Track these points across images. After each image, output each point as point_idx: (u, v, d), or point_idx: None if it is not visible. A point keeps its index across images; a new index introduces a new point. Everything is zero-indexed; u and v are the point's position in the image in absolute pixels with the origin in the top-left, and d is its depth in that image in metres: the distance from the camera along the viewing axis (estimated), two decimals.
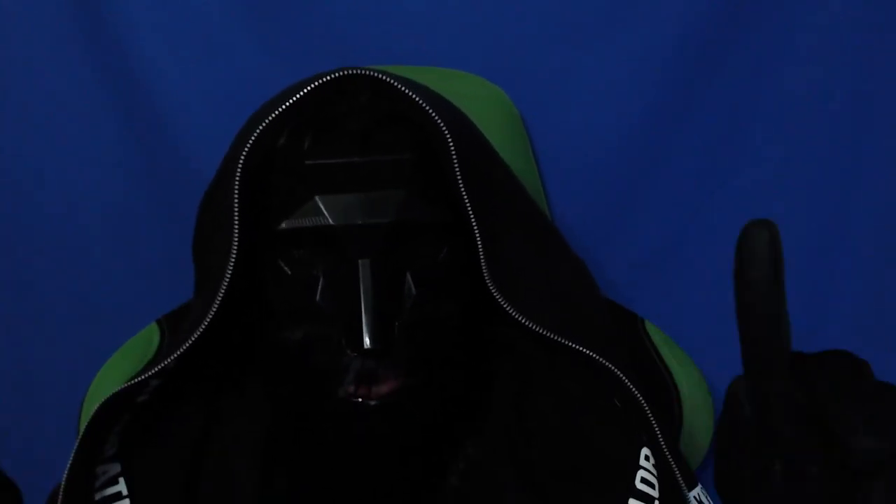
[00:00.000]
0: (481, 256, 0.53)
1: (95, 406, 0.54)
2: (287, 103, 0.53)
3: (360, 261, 0.52)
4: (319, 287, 0.54)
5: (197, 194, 0.63)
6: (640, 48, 0.84)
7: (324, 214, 0.53)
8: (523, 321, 0.53)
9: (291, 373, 0.55)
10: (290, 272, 0.55)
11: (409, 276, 0.54)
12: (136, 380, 0.54)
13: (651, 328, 0.71)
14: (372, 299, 0.51)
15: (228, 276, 0.52)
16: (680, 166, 0.86)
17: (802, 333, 0.86)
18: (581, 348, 0.54)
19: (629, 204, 0.87)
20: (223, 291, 0.52)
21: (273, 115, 0.53)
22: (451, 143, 0.52)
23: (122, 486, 0.57)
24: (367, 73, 0.54)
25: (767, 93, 0.84)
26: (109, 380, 0.69)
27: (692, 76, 0.85)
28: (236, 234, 0.52)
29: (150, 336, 0.71)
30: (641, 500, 0.57)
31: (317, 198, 0.53)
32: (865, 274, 0.83)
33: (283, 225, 0.53)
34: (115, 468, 0.58)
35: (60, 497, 0.53)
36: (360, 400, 0.53)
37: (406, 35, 0.86)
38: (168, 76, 0.87)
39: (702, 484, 0.81)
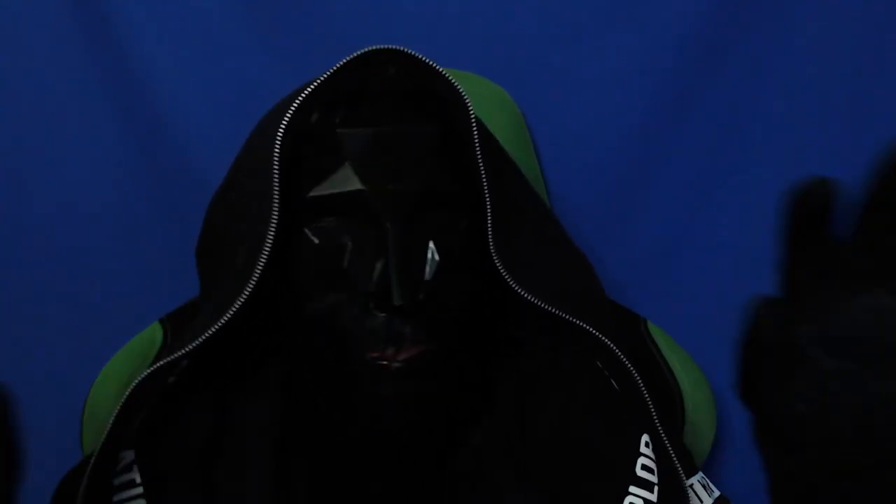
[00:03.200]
0: (489, 226, 0.55)
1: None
2: (320, 79, 0.55)
3: (388, 224, 0.54)
4: (347, 253, 0.56)
5: (197, 194, 0.63)
6: (640, 48, 0.84)
7: (355, 180, 0.55)
8: (523, 293, 0.55)
9: (318, 342, 0.56)
10: (317, 241, 0.56)
11: (432, 245, 0.56)
12: (169, 358, 0.54)
13: (653, 328, 0.72)
14: (401, 258, 0.53)
15: (268, 248, 0.53)
16: (680, 166, 0.86)
17: None
18: (580, 322, 0.56)
19: (629, 203, 0.87)
20: (262, 263, 0.53)
21: (307, 92, 0.55)
22: (472, 116, 0.55)
23: (135, 474, 0.57)
24: (395, 48, 0.56)
25: (767, 93, 0.84)
26: (112, 380, 0.68)
27: (692, 76, 0.85)
28: (276, 202, 0.53)
29: (152, 335, 0.71)
30: (641, 487, 0.58)
31: (348, 164, 0.55)
32: None
33: (314, 192, 0.55)
34: (129, 455, 0.58)
35: (86, 478, 0.54)
36: (385, 363, 0.54)
37: (407, 35, 0.86)
38: (168, 76, 0.87)
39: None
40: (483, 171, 0.55)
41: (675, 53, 0.84)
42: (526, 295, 0.55)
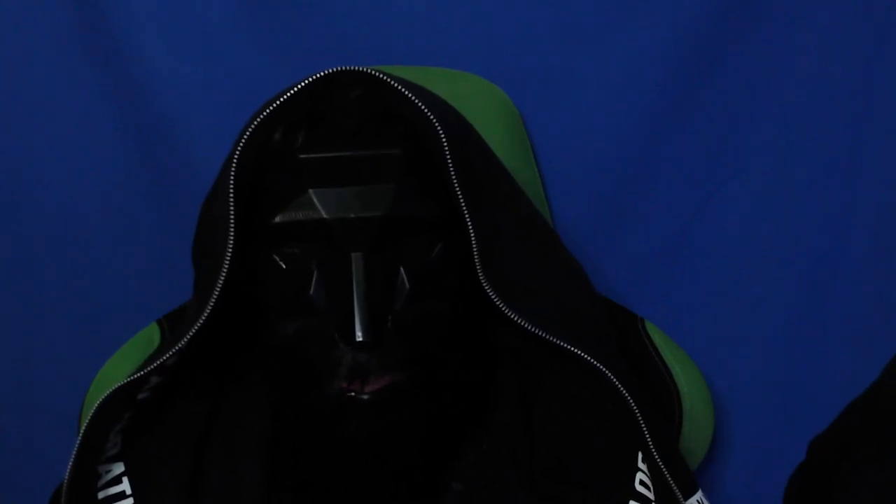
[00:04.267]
0: (475, 253, 0.53)
1: (95, 405, 0.54)
2: (280, 100, 0.53)
3: (352, 254, 0.52)
4: (313, 281, 0.55)
5: (197, 194, 0.63)
6: (640, 48, 0.84)
7: (317, 208, 0.53)
8: (516, 319, 0.54)
9: (286, 368, 0.56)
10: (284, 266, 0.55)
11: (402, 271, 0.55)
12: (135, 375, 0.54)
13: (651, 328, 0.71)
14: (364, 292, 0.51)
15: (224, 271, 0.52)
16: (680, 166, 0.86)
17: (802, 334, 0.87)
18: (573, 349, 0.55)
19: (629, 204, 0.87)
20: (220, 287, 0.52)
21: (267, 112, 0.53)
22: (444, 140, 0.52)
23: (125, 486, 0.57)
24: (360, 69, 0.54)
25: (767, 93, 0.84)
26: (110, 380, 0.68)
27: (692, 76, 0.85)
28: (232, 229, 0.52)
29: (150, 336, 0.71)
30: (640, 502, 0.57)
31: (310, 191, 0.54)
32: (865, 274, 0.83)
33: (278, 219, 0.54)
34: (119, 468, 0.58)
35: (64, 496, 0.54)
36: (353, 394, 0.53)
37: (406, 35, 0.86)
38: (168, 76, 0.87)
39: (702, 483, 0.81)
40: (461, 196, 0.53)
41: (675, 53, 0.84)
42: (515, 318, 0.54)
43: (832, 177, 0.83)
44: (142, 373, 0.54)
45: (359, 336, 0.51)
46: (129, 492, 0.57)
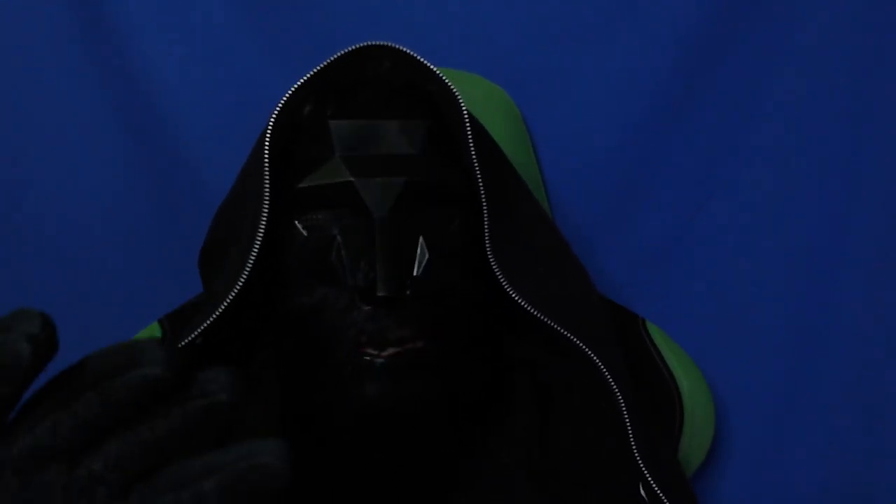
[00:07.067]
0: (486, 226, 0.55)
1: None
2: (312, 72, 0.55)
3: (377, 215, 0.54)
4: (336, 246, 0.55)
5: (197, 194, 0.63)
6: (640, 48, 0.84)
7: (345, 171, 0.55)
8: (518, 299, 0.55)
9: (303, 337, 0.56)
10: (305, 234, 0.56)
11: (422, 241, 0.56)
12: (191, 336, 0.54)
13: (652, 328, 0.71)
14: (388, 249, 0.52)
15: (261, 233, 0.53)
16: (680, 166, 0.86)
17: (802, 335, 0.87)
18: (573, 337, 0.55)
19: (629, 203, 0.87)
20: (257, 247, 0.53)
21: (298, 84, 0.55)
22: (465, 114, 0.55)
23: None
24: (389, 45, 0.56)
25: (767, 93, 0.84)
26: None
27: (692, 76, 0.85)
28: (266, 194, 0.53)
29: (151, 336, 0.71)
30: None
31: (338, 156, 0.55)
32: (865, 274, 0.83)
33: (304, 183, 0.56)
34: None
35: None
36: (368, 359, 0.53)
37: (406, 35, 0.86)
38: (168, 76, 0.87)
39: (702, 483, 0.82)
40: (478, 170, 0.55)
41: (675, 53, 0.84)
42: (519, 300, 0.55)
43: (832, 177, 0.83)
44: (191, 337, 0.54)
45: (381, 290, 0.51)
46: None
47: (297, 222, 0.56)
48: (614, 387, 0.56)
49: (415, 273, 0.55)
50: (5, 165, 0.88)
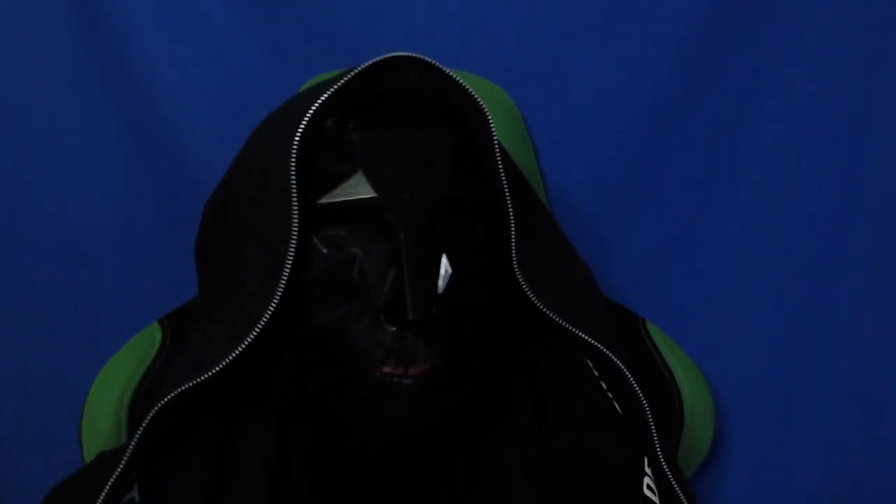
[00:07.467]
0: (512, 237, 0.54)
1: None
2: (338, 84, 0.53)
3: (402, 233, 0.52)
4: (357, 263, 0.54)
5: (197, 194, 0.63)
6: (640, 48, 0.84)
7: (367, 187, 0.53)
8: (543, 308, 0.54)
9: (326, 355, 0.55)
10: (325, 251, 0.54)
11: (444, 259, 0.54)
12: (194, 381, 0.53)
13: (652, 328, 0.72)
14: (415, 270, 0.51)
15: (291, 256, 0.51)
16: (680, 166, 0.86)
17: (803, 334, 0.87)
18: (595, 342, 0.55)
19: (629, 204, 0.87)
20: (286, 275, 0.51)
21: (324, 97, 0.52)
22: (492, 127, 0.53)
23: (134, 493, 0.57)
24: (414, 56, 0.54)
25: (767, 93, 0.84)
26: (111, 380, 0.68)
27: (692, 76, 0.85)
28: (295, 218, 0.51)
29: (151, 335, 0.71)
30: None
31: (361, 171, 0.53)
32: (865, 274, 0.83)
33: (325, 199, 0.54)
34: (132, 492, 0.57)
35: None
36: (395, 379, 0.53)
37: (407, 35, 0.86)
38: (168, 76, 0.87)
39: (702, 483, 0.82)
40: (505, 183, 0.53)
41: (675, 53, 0.84)
42: (545, 310, 0.54)
43: (832, 177, 0.83)
44: (197, 380, 0.52)
45: (411, 314, 0.50)
46: (137, 498, 0.56)
47: (314, 238, 0.54)
48: (636, 388, 0.55)
49: (439, 290, 0.53)
50: (5, 165, 0.88)
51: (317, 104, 0.52)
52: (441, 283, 0.53)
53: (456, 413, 0.56)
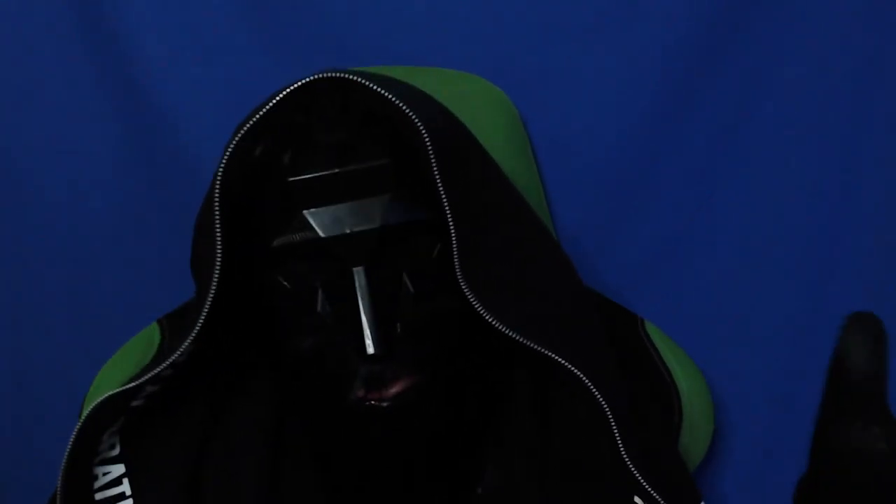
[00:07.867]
0: (455, 255, 0.52)
1: (86, 412, 0.54)
2: (259, 115, 0.53)
3: (354, 269, 0.53)
4: (319, 298, 0.55)
5: (197, 194, 0.63)
6: (640, 48, 0.84)
7: (313, 228, 0.54)
8: (492, 321, 0.53)
9: (304, 379, 0.56)
10: (288, 286, 0.55)
11: (405, 276, 0.55)
12: (130, 385, 0.54)
13: (651, 328, 0.71)
14: (370, 305, 0.52)
15: (213, 291, 0.52)
16: (680, 166, 0.86)
17: (802, 334, 0.87)
18: (549, 353, 0.53)
19: (629, 204, 0.87)
20: (209, 304, 0.53)
21: (246, 127, 0.53)
22: (427, 142, 0.52)
23: (125, 487, 0.58)
24: (336, 74, 0.53)
25: (767, 93, 0.84)
26: (110, 380, 0.69)
27: (692, 76, 0.85)
28: (219, 250, 0.52)
29: (150, 336, 0.71)
30: (645, 498, 0.57)
31: (304, 213, 0.54)
32: (865, 274, 0.83)
33: (276, 242, 0.54)
34: (120, 469, 0.58)
35: (58, 499, 0.54)
36: (372, 403, 0.54)
37: (406, 35, 0.86)
38: (168, 76, 0.87)
39: (702, 483, 0.81)
40: (445, 198, 0.52)
41: (675, 53, 0.84)
42: (495, 323, 0.53)
43: (832, 176, 0.83)
44: (137, 382, 0.55)
45: (370, 350, 0.51)
46: (128, 493, 0.58)
47: (278, 277, 0.56)
48: (598, 396, 0.54)
49: (403, 312, 0.54)
50: (5, 165, 0.88)
51: (236, 139, 0.53)
52: (403, 304, 0.54)
53: (443, 423, 0.57)
